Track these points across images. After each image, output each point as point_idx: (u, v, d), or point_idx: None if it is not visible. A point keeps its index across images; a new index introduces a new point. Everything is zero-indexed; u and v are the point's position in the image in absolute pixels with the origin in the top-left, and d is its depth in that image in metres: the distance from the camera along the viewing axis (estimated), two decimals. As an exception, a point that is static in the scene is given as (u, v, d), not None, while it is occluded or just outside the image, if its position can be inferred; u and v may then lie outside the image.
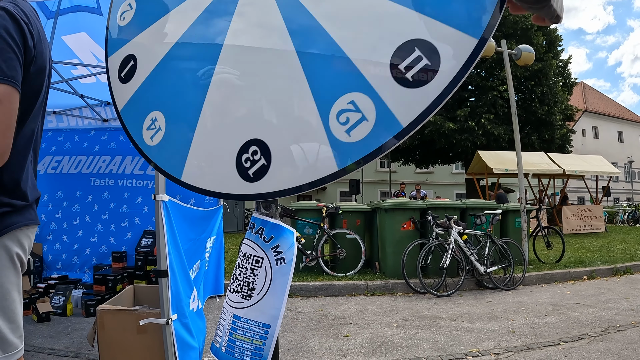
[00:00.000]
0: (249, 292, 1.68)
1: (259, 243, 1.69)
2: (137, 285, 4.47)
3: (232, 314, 1.70)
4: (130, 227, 7.56)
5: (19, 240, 1.97)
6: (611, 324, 6.18)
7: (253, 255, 1.69)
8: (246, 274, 1.69)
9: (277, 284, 1.64)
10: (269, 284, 1.65)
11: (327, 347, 5.35)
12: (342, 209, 9.95)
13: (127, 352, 3.37)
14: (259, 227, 1.72)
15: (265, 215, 1.72)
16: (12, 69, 1.73)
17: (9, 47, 1.74)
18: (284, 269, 1.65)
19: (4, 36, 1.73)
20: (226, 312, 1.75)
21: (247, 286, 1.69)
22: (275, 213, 1.71)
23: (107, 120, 7.77)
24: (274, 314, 1.64)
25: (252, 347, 1.65)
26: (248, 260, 1.70)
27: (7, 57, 1.73)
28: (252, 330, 1.65)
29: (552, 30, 28.98)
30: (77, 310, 6.59)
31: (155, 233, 3.08)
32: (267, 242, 1.68)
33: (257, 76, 1.73)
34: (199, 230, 4.64)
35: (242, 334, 1.67)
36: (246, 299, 1.68)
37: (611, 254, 12.54)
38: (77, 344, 5.24)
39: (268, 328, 1.64)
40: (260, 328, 1.65)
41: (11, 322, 1.93)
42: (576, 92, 50.26)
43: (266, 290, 1.64)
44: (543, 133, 28.45)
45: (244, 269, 1.71)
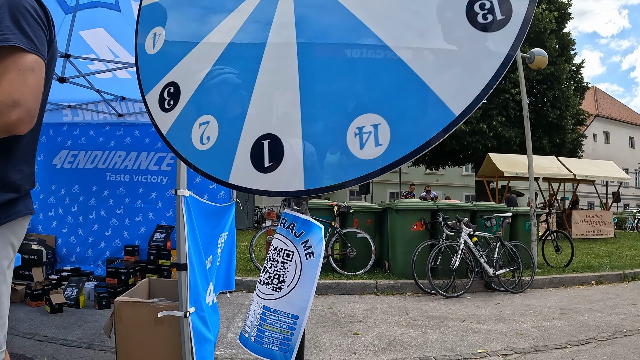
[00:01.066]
0: (279, 285, 1.77)
1: (290, 238, 1.78)
2: (152, 278, 4.56)
3: (262, 305, 1.78)
4: (144, 222, 7.67)
5: (15, 230, 1.98)
6: (618, 328, 6.22)
7: (284, 249, 1.78)
8: (277, 267, 1.78)
9: (306, 277, 1.73)
10: (298, 277, 1.73)
11: (337, 344, 5.42)
12: (353, 208, 10.03)
13: (144, 344, 3.45)
14: (290, 222, 1.81)
15: (297, 212, 1.81)
16: (42, 45, 1.86)
17: (38, 25, 1.88)
18: (313, 263, 1.73)
19: (34, 15, 1.86)
20: (256, 303, 1.82)
21: (277, 278, 1.77)
22: (305, 209, 1.79)
23: (123, 115, 7.86)
24: (303, 306, 1.72)
25: (280, 337, 1.73)
26: (279, 253, 1.78)
27: (38, 33, 1.86)
28: (281, 321, 1.74)
29: (565, 34, 28.90)
30: (89, 302, 6.68)
31: (176, 227, 3.17)
32: (297, 237, 1.77)
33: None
34: (212, 225, 4.71)
35: (271, 325, 1.75)
36: (276, 291, 1.76)
37: (620, 260, 12.53)
38: (90, 335, 5.32)
39: (296, 319, 1.73)
40: (289, 319, 1.73)
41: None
42: (588, 97, 50.01)
43: (296, 283, 1.73)
44: (554, 137, 28.37)
45: (274, 262, 1.79)
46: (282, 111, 1.87)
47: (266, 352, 1.76)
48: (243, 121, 1.94)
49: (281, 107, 1.88)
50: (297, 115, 1.81)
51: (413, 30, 1.62)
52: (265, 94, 1.93)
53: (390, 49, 1.63)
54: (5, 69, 1.74)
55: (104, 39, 5.63)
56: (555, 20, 26.46)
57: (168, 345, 3.36)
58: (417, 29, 1.62)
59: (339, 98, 1.72)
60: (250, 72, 1.96)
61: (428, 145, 1.55)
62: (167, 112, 2.25)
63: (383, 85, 1.63)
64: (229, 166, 1.97)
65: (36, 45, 1.83)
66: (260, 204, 28.18)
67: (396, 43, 1.62)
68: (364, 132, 1.64)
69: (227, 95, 2.04)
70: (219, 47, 2.08)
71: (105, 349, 4.91)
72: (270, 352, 1.75)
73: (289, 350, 1.72)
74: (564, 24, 29.04)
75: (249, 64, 1.97)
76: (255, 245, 9.85)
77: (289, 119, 1.83)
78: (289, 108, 1.83)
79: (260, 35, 1.95)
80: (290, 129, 1.83)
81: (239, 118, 1.95)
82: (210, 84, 2.09)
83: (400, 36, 1.63)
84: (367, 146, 1.63)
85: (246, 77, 1.97)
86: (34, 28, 1.85)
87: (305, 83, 1.79)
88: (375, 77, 1.65)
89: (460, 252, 8.39)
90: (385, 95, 1.62)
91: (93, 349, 4.90)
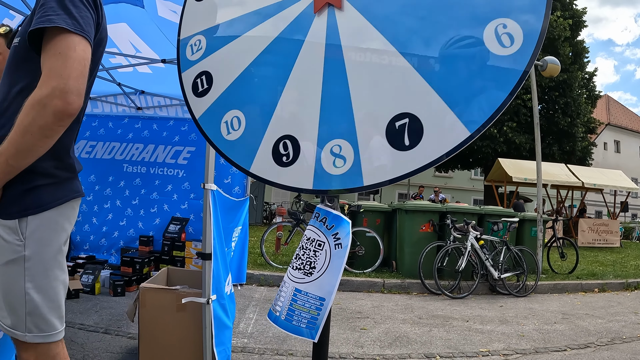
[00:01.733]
0: (310, 270, 1.97)
1: (322, 230, 1.99)
2: (171, 267, 4.74)
3: (293, 287, 1.99)
4: (159, 214, 7.83)
5: (66, 214, 1.98)
6: (617, 335, 6.36)
7: (316, 240, 1.99)
8: (309, 254, 1.99)
9: (334, 265, 1.93)
10: (327, 264, 1.94)
11: (345, 338, 5.60)
12: (363, 208, 10.18)
13: (166, 329, 3.64)
14: (323, 216, 2.01)
15: (329, 207, 2.02)
16: (87, 26, 1.85)
17: (85, 7, 1.88)
18: (341, 253, 1.94)
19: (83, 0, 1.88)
20: (288, 286, 2.03)
21: (309, 265, 1.98)
22: (336, 206, 2.01)
23: (141, 109, 8.03)
24: (330, 290, 1.93)
25: (308, 316, 1.95)
26: (312, 243, 2.00)
27: (84, 14, 1.85)
28: (310, 302, 1.95)
29: (579, 41, 28.87)
30: (104, 290, 6.85)
31: (203, 219, 3.34)
32: (328, 230, 1.98)
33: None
34: (228, 219, 4.88)
35: (301, 305, 1.96)
36: (307, 276, 1.97)
37: (624, 269, 12.63)
38: (107, 320, 5.48)
39: (323, 301, 1.93)
40: (317, 301, 1.94)
41: (51, 300, 1.92)
42: (600, 105, 49.79)
43: (325, 269, 1.94)
44: (564, 144, 28.36)
45: (307, 250, 2.00)
46: (302, 112, 2.11)
47: (295, 329, 1.98)
48: (269, 118, 2.17)
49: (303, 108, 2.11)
50: (315, 118, 2.04)
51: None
52: (292, 95, 2.15)
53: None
54: (47, 56, 1.76)
55: (127, 34, 5.72)
56: (569, 28, 26.45)
57: (189, 330, 3.55)
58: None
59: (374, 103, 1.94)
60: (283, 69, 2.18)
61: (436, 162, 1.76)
62: (200, 97, 2.45)
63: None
64: (252, 157, 2.20)
65: (81, 26, 1.82)
66: (269, 199, 28.31)
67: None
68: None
69: (256, 91, 2.25)
70: (260, 42, 2.28)
71: (121, 334, 5.07)
72: (299, 329, 1.97)
73: (315, 328, 1.93)
74: (578, 32, 29.02)
75: (284, 60, 2.18)
76: (265, 241, 10.01)
77: (308, 120, 2.07)
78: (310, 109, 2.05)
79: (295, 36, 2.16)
80: (307, 130, 2.07)
81: (266, 115, 2.18)
82: (243, 79, 2.29)
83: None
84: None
85: (279, 74, 2.18)
86: (79, 9, 1.84)
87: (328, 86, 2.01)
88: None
89: (466, 254, 8.54)
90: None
91: (110, 334, 5.05)
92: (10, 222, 1.84)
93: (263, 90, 2.22)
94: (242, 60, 2.30)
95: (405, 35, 1.85)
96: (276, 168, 2.10)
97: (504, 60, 1.65)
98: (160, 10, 4.81)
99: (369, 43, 1.92)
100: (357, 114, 1.90)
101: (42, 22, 1.75)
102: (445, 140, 1.72)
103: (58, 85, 1.71)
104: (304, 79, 2.08)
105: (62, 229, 1.96)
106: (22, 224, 1.85)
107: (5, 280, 1.85)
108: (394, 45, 1.85)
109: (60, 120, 1.75)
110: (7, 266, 1.84)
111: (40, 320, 1.89)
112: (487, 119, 1.65)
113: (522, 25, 1.65)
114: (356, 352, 5.16)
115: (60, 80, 1.72)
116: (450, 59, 1.76)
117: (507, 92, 1.63)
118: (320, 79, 2.01)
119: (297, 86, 2.11)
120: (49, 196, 1.92)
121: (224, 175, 7.31)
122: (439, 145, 1.73)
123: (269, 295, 7.63)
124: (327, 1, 2.01)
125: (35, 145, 1.75)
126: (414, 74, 1.80)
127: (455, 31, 1.75)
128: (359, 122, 1.90)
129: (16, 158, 1.75)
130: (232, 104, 2.30)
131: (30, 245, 1.85)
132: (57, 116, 1.73)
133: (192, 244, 7.19)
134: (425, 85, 1.77)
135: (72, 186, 2.03)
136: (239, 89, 2.29)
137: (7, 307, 1.87)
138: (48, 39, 1.77)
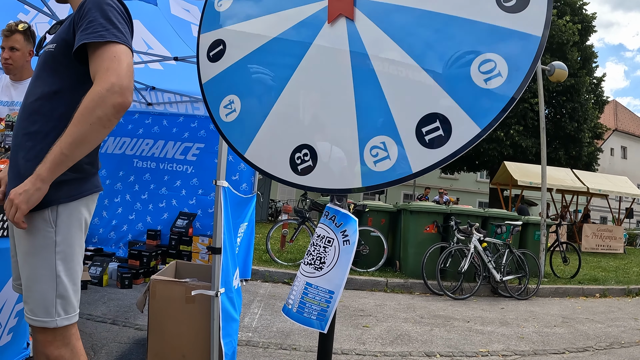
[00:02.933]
0: (320, 265, 2.10)
1: (332, 227, 2.11)
2: (180, 261, 4.83)
3: (304, 281, 2.12)
4: (168, 208, 7.93)
5: (88, 206, 2.21)
6: (616, 340, 6.45)
7: (326, 236, 2.12)
8: (319, 250, 2.11)
9: (342, 260, 2.06)
10: (336, 260, 2.07)
11: (348, 335, 5.70)
12: (368, 207, 10.24)
13: (175, 320, 3.74)
14: (332, 214, 2.14)
15: (338, 206, 2.15)
16: (128, 37, 2.14)
17: (123, 19, 2.16)
18: (349, 249, 2.06)
19: (120, 11, 2.16)
20: (300, 280, 2.16)
21: (319, 260, 2.11)
22: (345, 205, 2.13)
23: (152, 105, 8.11)
24: (338, 284, 2.06)
25: (318, 308, 2.07)
26: (322, 239, 2.12)
27: (124, 28, 2.12)
28: (320, 295, 2.07)
29: (588, 46, 28.79)
30: (111, 282, 6.96)
31: (214, 215, 3.45)
32: (337, 227, 2.10)
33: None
34: (236, 214, 4.95)
35: (312, 298, 2.09)
36: (317, 270, 2.10)
37: (626, 276, 12.68)
38: (114, 312, 5.59)
39: (332, 294, 2.06)
40: (327, 294, 2.06)
41: (74, 284, 2.14)
42: (607, 111, 49.55)
43: (334, 264, 2.06)
44: (571, 149, 28.29)
45: (317, 246, 2.13)
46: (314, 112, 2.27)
47: (306, 320, 2.11)
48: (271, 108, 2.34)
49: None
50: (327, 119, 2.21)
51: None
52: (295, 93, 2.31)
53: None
54: (101, 60, 1.99)
55: (139, 31, 5.74)
56: (578, 33, 26.42)
57: (197, 322, 3.66)
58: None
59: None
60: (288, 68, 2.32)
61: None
62: (213, 62, 2.60)
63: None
64: (249, 141, 2.40)
65: (126, 38, 2.09)
66: (275, 197, 28.38)
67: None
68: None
69: (263, 80, 2.41)
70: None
71: (128, 325, 5.19)
72: (309, 321, 2.10)
73: (325, 320, 2.06)
74: (587, 37, 28.95)
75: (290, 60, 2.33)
76: (270, 238, 10.11)
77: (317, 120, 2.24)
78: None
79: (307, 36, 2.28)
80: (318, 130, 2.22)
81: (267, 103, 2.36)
82: (254, 60, 2.46)
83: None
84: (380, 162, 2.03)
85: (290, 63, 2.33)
86: (121, 23, 2.11)
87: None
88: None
89: (469, 256, 8.62)
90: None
91: (117, 325, 5.16)
92: (44, 211, 2.04)
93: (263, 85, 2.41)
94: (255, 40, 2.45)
95: (420, 48, 1.97)
96: (293, 175, 2.25)
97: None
98: (173, 9, 4.89)
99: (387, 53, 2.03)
100: (394, 111, 2.01)
101: (94, 37, 2.02)
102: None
103: (117, 82, 1.95)
104: (327, 85, 2.21)
105: (84, 219, 2.20)
106: (53, 212, 2.07)
107: (38, 265, 2.05)
108: (410, 56, 1.98)
109: (118, 112, 1.97)
110: (39, 253, 2.05)
111: (67, 303, 2.10)
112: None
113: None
114: (358, 348, 5.27)
115: (118, 78, 1.96)
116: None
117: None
118: (351, 84, 2.11)
119: (319, 91, 2.24)
120: (77, 189, 2.15)
121: (232, 172, 7.40)
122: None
123: (274, 291, 7.74)
124: (340, 12, 2.12)
125: (92, 135, 1.96)
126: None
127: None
128: (397, 119, 2.00)
129: (70, 147, 1.93)
130: (230, 90, 2.50)
131: (60, 232, 2.08)
132: (116, 108, 1.95)
133: (199, 239, 7.30)
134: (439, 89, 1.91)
135: (95, 181, 2.28)
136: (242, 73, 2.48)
137: (38, 296, 2.05)
138: (99, 48, 2.03)
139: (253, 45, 2.44)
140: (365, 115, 2.05)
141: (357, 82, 2.08)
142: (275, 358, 4.75)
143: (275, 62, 2.37)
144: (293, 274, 8.68)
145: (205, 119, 7.87)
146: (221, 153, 3.49)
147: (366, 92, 2.05)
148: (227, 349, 3.56)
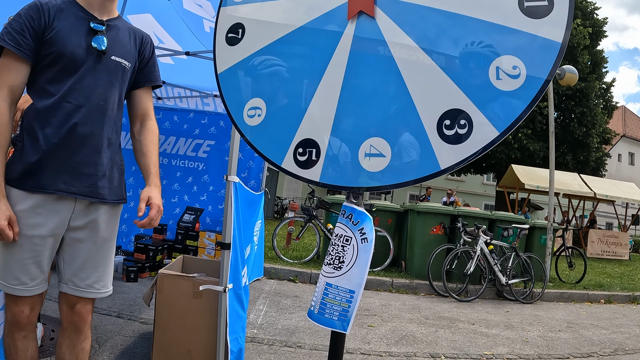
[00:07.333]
0: (339, 265, 2.10)
1: (349, 226, 2.11)
2: (187, 256, 4.83)
3: (325, 282, 2.13)
4: (179, 204, 7.97)
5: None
6: (621, 346, 6.43)
7: (344, 235, 2.12)
8: (338, 250, 2.12)
9: (361, 259, 2.06)
10: (355, 258, 2.07)
11: (353, 334, 5.70)
12: (375, 207, 10.23)
13: (182, 315, 3.74)
14: (349, 213, 2.14)
15: (355, 205, 2.14)
16: None
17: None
18: (367, 247, 2.07)
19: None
20: (320, 281, 2.18)
21: (338, 259, 2.11)
22: (361, 203, 2.13)
23: (161, 99, 8.11)
24: (358, 282, 2.07)
25: (339, 309, 2.08)
26: (340, 239, 2.12)
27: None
28: (340, 295, 2.08)
29: (598, 51, 28.74)
30: (117, 275, 6.96)
31: (224, 210, 3.45)
32: (355, 225, 2.10)
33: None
34: (250, 213, 4.95)
35: (332, 298, 2.10)
36: (337, 270, 2.10)
37: (631, 282, 12.64)
38: (119, 305, 5.60)
39: (353, 293, 2.07)
40: (347, 294, 2.07)
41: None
42: (616, 116, 49.37)
43: (353, 263, 2.07)
44: (578, 154, 28.25)
45: (336, 246, 2.13)
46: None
47: (328, 321, 2.12)
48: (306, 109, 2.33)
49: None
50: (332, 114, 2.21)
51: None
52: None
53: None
54: (151, 99, 2.81)
55: (151, 25, 5.74)
56: (589, 37, 26.35)
57: (204, 317, 3.65)
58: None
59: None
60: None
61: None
62: (231, 45, 2.59)
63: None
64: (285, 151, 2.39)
65: None
66: (281, 194, 28.41)
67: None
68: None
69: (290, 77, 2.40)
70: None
71: (133, 318, 5.21)
72: (331, 322, 2.11)
73: (347, 320, 2.08)
74: (598, 41, 28.90)
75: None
76: (276, 235, 10.11)
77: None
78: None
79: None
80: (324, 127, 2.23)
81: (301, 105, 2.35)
82: (276, 53, 2.45)
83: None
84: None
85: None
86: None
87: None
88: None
89: (475, 258, 8.61)
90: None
91: (122, 318, 5.19)
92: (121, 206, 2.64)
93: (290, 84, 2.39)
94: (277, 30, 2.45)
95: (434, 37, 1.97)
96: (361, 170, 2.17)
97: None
98: (185, 4, 4.89)
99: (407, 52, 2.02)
100: (419, 108, 1.98)
101: (159, 82, 2.83)
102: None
103: None
104: (355, 82, 2.19)
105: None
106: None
107: (113, 246, 2.59)
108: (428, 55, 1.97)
109: None
110: (113, 239, 2.58)
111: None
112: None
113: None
114: (363, 348, 5.27)
115: None
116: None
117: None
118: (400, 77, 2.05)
119: (348, 90, 2.21)
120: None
121: (241, 170, 7.41)
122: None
123: (279, 289, 7.75)
124: (360, 9, 2.11)
125: None
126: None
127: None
128: (422, 116, 1.97)
129: None
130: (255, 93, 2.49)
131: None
132: None
133: (206, 234, 7.31)
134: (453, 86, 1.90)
135: None
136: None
137: (108, 272, 2.57)
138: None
139: (275, 34, 2.43)
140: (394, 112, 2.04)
141: (404, 74, 2.03)
142: (280, 355, 4.76)
143: (303, 54, 2.37)
144: (298, 272, 8.70)
145: (215, 115, 7.88)
146: (232, 149, 3.49)
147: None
148: (233, 345, 3.57)
